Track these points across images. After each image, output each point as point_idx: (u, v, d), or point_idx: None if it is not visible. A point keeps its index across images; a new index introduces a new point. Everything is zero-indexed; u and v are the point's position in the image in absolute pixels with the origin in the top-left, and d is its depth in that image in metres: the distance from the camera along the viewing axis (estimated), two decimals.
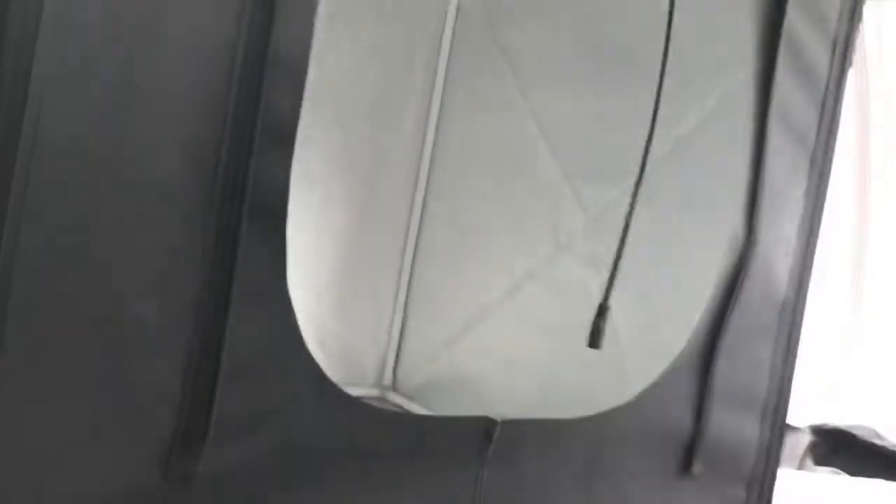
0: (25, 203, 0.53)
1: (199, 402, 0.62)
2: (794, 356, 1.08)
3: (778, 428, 1.07)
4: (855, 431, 2.16)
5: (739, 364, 1.01)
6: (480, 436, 0.77)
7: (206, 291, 0.61)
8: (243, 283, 0.62)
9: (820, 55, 1.04)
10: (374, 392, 1.67)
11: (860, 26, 1.10)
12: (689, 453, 0.95)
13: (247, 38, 0.60)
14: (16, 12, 0.50)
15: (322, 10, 0.63)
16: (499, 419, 0.79)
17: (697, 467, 0.94)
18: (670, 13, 0.84)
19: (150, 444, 0.60)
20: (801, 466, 2.10)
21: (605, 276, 1.25)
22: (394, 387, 1.70)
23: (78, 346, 0.57)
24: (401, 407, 1.63)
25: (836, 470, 2.02)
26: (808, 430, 2.16)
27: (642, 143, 1.27)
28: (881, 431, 2.17)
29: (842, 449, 2.13)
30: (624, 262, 1.24)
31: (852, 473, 1.97)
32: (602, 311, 0.88)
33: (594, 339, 0.86)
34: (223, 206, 0.60)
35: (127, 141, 0.57)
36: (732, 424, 1.01)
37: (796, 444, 2.10)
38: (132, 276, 0.58)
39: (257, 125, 0.60)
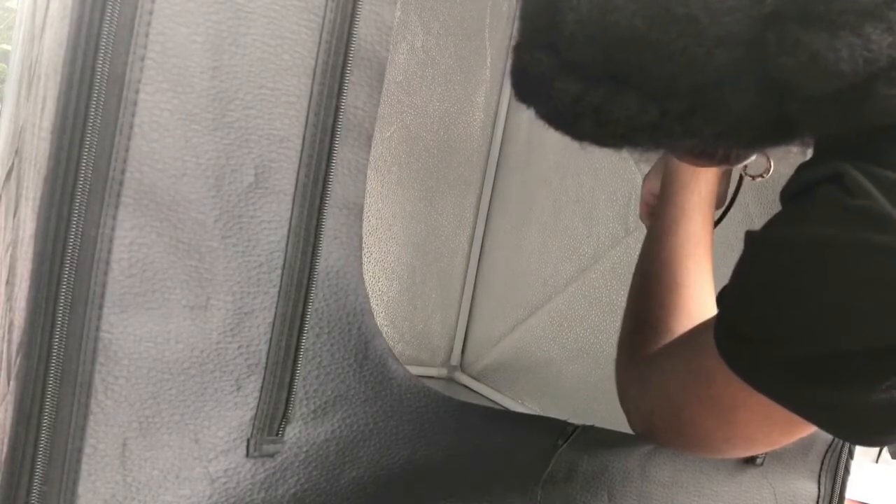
0: (121, 192, 0.56)
1: (280, 384, 0.65)
2: None
3: None
4: None
5: None
6: (555, 435, 0.77)
7: (287, 276, 0.64)
8: (322, 268, 0.65)
9: None
10: (443, 373, 1.71)
11: None
12: None
13: (329, 35, 0.62)
14: (110, 22, 0.54)
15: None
16: (578, 425, 0.78)
17: (760, 458, 0.92)
18: None
19: (233, 425, 0.64)
20: (877, 460, 2.05)
21: None
22: (462, 368, 1.72)
23: (173, 328, 0.60)
24: (468, 388, 1.66)
25: None
26: None
27: None
28: None
29: None
30: None
31: None
32: None
33: None
34: (305, 196, 0.63)
35: (216, 136, 0.60)
36: None
37: None
38: (219, 264, 0.61)
39: (339, 119, 0.63)
